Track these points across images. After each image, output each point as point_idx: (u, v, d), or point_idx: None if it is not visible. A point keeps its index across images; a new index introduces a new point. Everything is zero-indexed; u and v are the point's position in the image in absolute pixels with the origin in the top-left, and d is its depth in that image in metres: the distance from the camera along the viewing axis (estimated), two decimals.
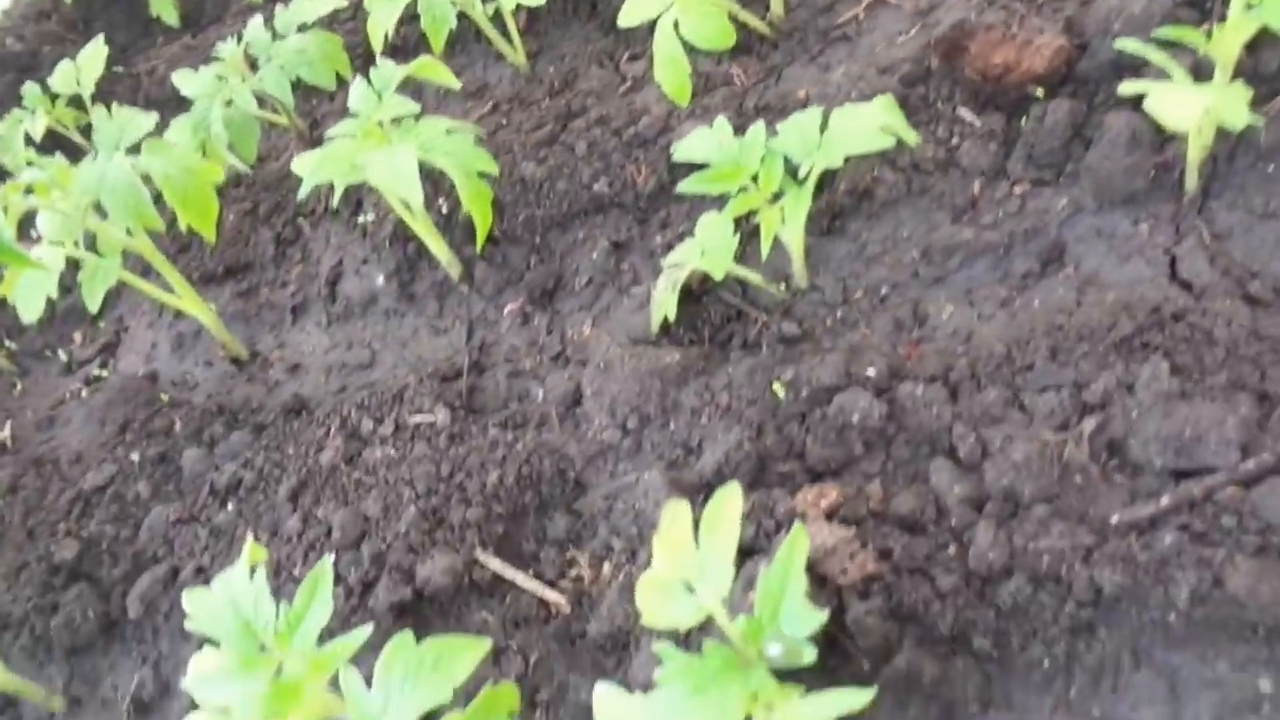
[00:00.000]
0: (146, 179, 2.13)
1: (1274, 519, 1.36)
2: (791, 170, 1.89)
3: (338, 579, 1.85)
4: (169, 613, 2.04)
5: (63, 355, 2.95)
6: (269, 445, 2.22)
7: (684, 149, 1.94)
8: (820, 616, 1.21)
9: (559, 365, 2.19)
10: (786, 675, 1.25)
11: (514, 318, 2.36)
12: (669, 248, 2.19)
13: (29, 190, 2.15)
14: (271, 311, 2.72)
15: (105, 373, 2.83)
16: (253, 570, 1.49)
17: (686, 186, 1.91)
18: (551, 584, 1.80)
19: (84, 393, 2.77)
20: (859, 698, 1.13)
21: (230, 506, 2.13)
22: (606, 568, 1.78)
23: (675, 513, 1.35)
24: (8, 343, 3.04)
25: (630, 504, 1.82)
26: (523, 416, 2.09)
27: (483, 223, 2.08)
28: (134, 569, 2.12)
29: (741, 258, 2.03)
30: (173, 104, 3.23)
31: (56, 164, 2.17)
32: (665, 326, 2.10)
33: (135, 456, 2.34)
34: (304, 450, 2.16)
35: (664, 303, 2.02)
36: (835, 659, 1.48)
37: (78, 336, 3.01)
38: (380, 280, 2.57)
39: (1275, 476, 1.39)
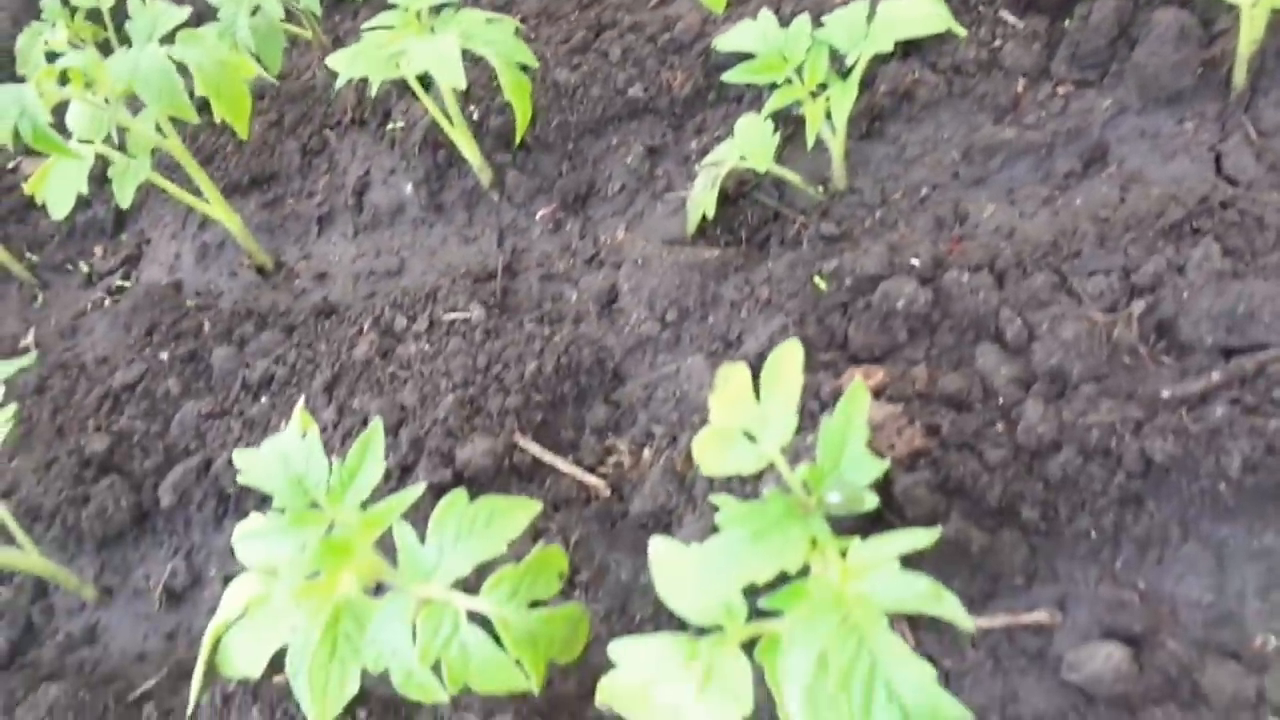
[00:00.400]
0: (181, 70, 2.11)
1: None
2: (838, 68, 1.88)
3: None
4: (201, 503, 2.04)
5: (84, 268, 2.94)
6: (300, 343, 2.22)
7: (727, 40, 1.93)
8: (882, 464, 1.21)
9: (593, 267, 2.19)
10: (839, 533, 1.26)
11: (546, 224, 2.35)
12: (704, 153, 2.18)
13: (63, 81, 2.13)
14: (297, 222, 2.71)
15: (128, 284, 2.82)
16: (304, 434, 1.49)
17: (731, 76, 1.89)
18: (591, 469, 1.80)
19: (107, 302, 2.76)
20: (924, 537, 1.14)
21: (263, 400, 2.12)
22: (647, 453, 1.78)
23: (731, 372, 1.35)
24: (28, 255, 3.02)
25: (671, 391, 1.82)
26: (558, 314, 2.08)
27: (523, 116, 2.06)
28: (165, 461, 2.12)
29: (779, 160, 2.03)
30: (192, 22, 3.20)
31: (88, 54, 2.14)
32: (702, 228, 2.10)
33: (164, 356, 2.33)
34: (337, 347, 2.16)
35: (703, 201, 2.01)
36: (881, 531, 1.49)
37: (98, 250, 2.99)
38: (408, 189, 2.55)
39: None
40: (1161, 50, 1.84)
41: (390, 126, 2.60)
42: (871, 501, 1.21)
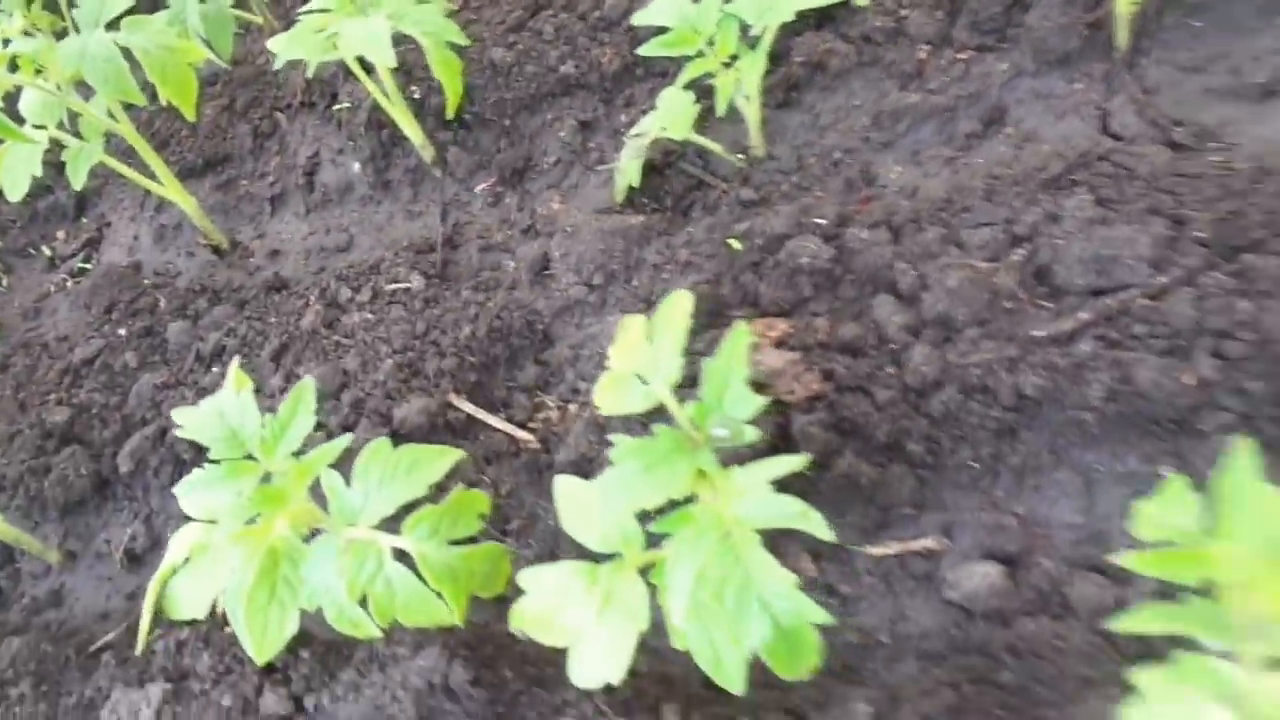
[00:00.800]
0: (127, 56, 2.19)
1: (1181, 325, 1.48)
2: (750, 42, 1.98)
3: (319, 426, 1.95)
4: (158, 469, 2.14)
5: (46, 252, 3.02)
6: (251, 316, 2.32)
7: (644, 15, 2.03)
8: (759, 401, 1.32)
9: (529, 237, 2.29)
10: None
11: (486, 197, 2.45)
12: (633, 125, 2.28)
13: (13, 68, 2.21)
14: (250, 203, 2.79)
15: (89, 266, 2.91)
16: (238, 391, 1.59)
17: (647, 50, 2.00)
18: (521, 425, 1.91)
19: (69, 284, 2.85)
20: (793, 462, 1.25)
21: (216, 370, 2.22)
22: (573, 408, 1.89)
23: (629, 322, 1.45)
24: None
25: (596, 350, 1.93)
26: (495, 282, 2.19)
27: (453, 93, 2.16)
28: (124, 431, 2.21)
29: (703, 131, 2.13)
30: (146, 10, 3.27)
31: (39, 41, 2.23)
32: (630, 197, 2.20)
33: (122, 332, 2.43)
34: (285, 319, 2.26)
35: (628, 170, 2.12)
36: None
37: (60, 234, 3.08)
38: (356, 168, 2.64)
39: (1183, 288, 1.51)
40: (1050, 14, 1.95)
41: (337, 108, 2.69)
42: (752, 435, 1.32)
